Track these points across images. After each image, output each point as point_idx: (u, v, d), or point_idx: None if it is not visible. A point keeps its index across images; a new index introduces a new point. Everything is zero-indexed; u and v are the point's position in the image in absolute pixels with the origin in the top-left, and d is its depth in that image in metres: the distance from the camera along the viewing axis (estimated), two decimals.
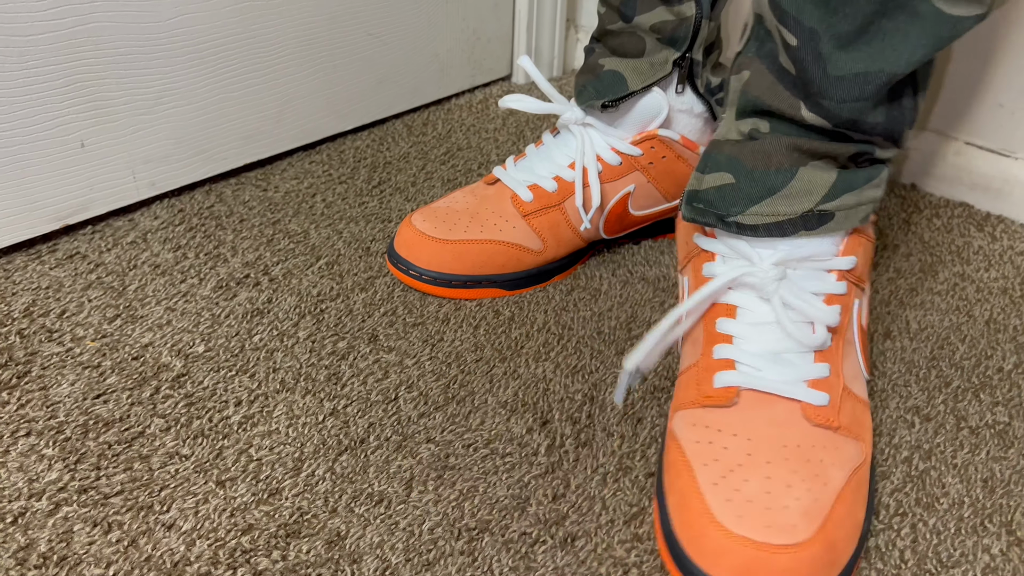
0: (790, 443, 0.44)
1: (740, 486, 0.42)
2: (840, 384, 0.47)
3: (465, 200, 0.64)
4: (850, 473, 0.44)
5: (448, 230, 0.62)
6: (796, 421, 0.45)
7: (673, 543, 0.43)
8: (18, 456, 0.49)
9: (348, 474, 0.49)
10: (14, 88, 0.60)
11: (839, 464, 0.44)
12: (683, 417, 0.47)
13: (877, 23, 0.43)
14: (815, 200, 0.48)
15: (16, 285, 0.62)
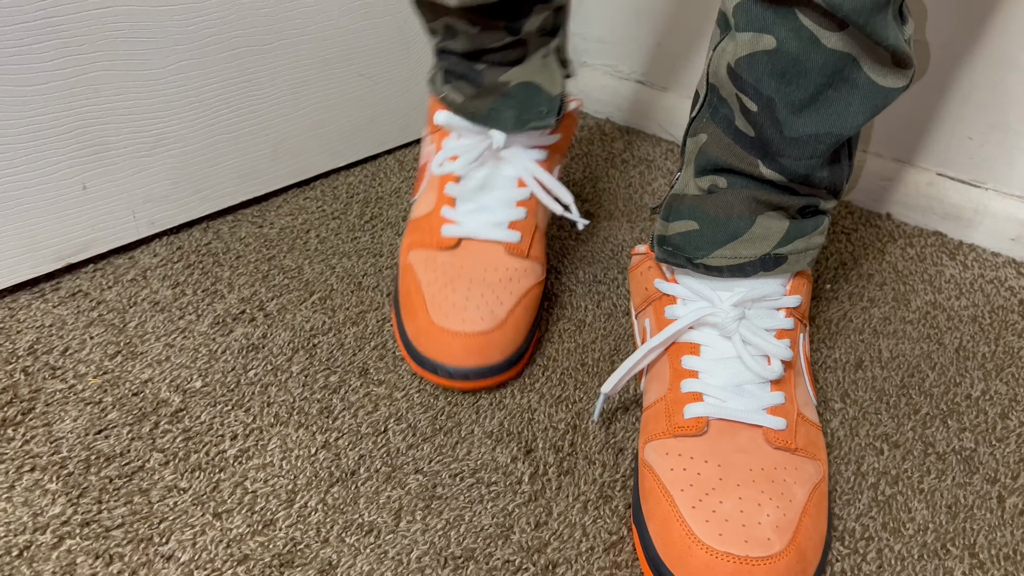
0: (755, 466, 0.48)
1: (716, 507, 0.46)
2: (795, 410, 0.52)
3: (462, 275, 0.61)
4: (811, 489, 0.48)
5: (479, 318, 0.58)
6: (759, 445, 0.49)
7: (658, 566, 0.45)
8: (23, 491, 0.51)
9: (339, 505, 0.51)
10: (19, 134, 0.63)
11: (801, 482, 0.48)
12: (655, 448, 0.50)
13: (825, 93, 0.48)
14: (771, 244, 0.53)
15: (20, 323, 0.64)
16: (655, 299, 0.58)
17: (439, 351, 0.58)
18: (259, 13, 0.73)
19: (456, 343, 0.57)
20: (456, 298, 0.60)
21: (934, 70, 0.76)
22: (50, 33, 0.62)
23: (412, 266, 0.63)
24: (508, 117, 0.62)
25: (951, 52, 0.75)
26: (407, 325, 0.61)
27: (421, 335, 0.59)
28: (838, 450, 0.56)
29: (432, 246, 0.63)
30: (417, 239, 0.65)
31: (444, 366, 0.57)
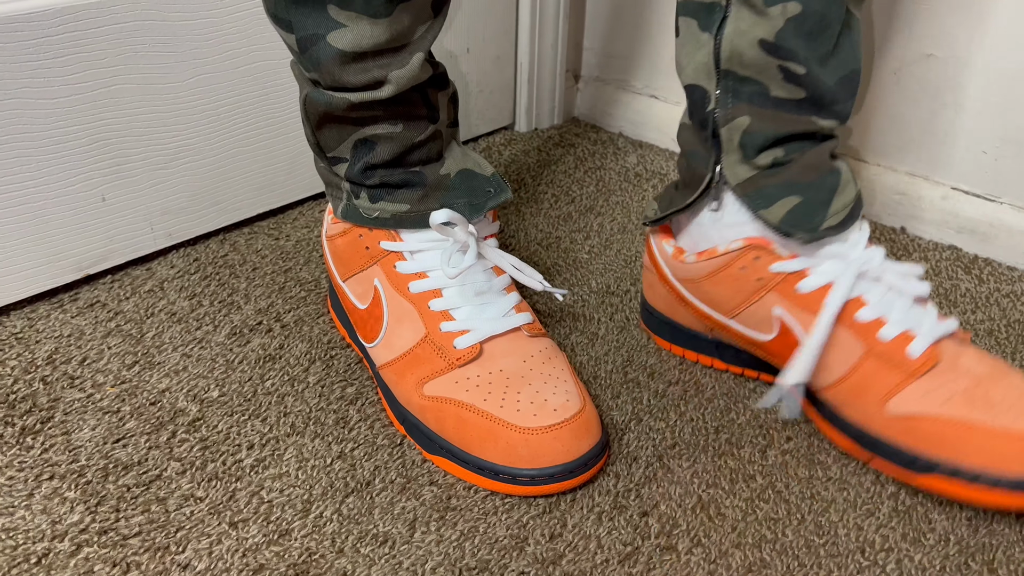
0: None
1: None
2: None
3: (511, 374, 0.55)
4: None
5: (567, 400, 0.53)
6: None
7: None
8: (42, 499, 0.51)
9: (354, 515, 0.51)
10: (41, 146, 0.64)
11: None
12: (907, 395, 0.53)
13: (839, 40, 0.53)
14: (854, 183, 0.57)
15: (40, 333, 0.65)
16: (776, 284, 0.56)
17: (549, 451, 0.51)
18: None
19: (565, 433, 0.51)
20: (529, 395, 0.53)
21: (948, 84, 0.77)
22: (73, 48, 0.63)
23: (443, 396, 0.54)
24: (462, 206, 0.57)
25: (965, 66, 0.75)
26: (486, 455, 0.52)
27: (518, 449, 0.51)
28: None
29: (449, 367, 0.55)
30: (422, 372, 0.55)
31: (564, 465, 0.51)
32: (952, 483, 0.51)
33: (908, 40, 0.77)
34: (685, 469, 0.55)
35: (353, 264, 0.60)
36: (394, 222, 0.57)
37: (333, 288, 0.65)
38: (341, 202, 0.59)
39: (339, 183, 0.59)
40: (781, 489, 0.54)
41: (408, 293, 0.57)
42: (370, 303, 0.59)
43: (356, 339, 0.63)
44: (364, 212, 0.57)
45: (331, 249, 0.62)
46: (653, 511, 0.52)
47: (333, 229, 0.61)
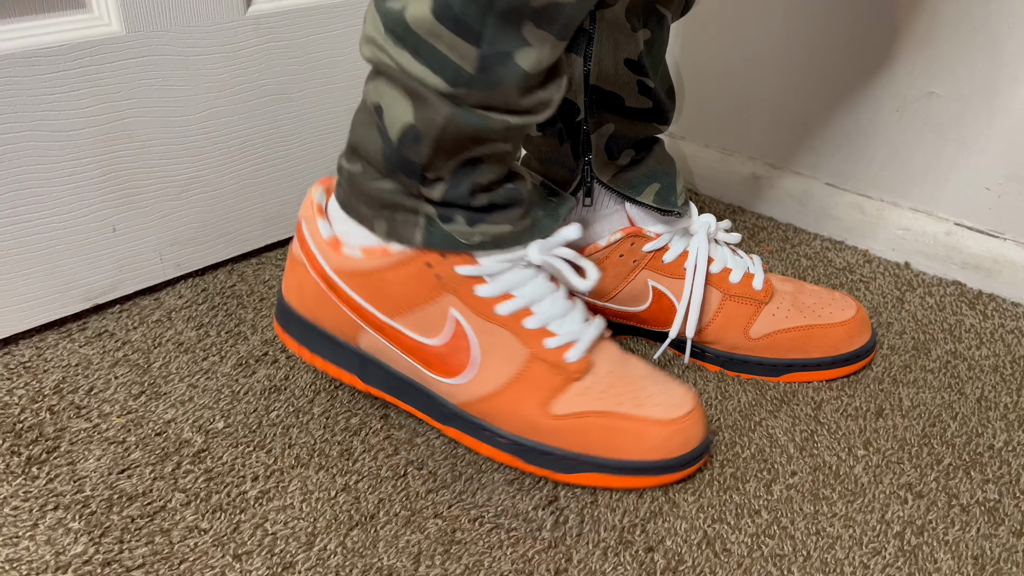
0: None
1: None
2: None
3: (623, 377, 0.57)
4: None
5: (684, 392, 0.57)
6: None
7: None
8: (46, 529, 0.51)
9: (359, 548, 0.51)
10: (54, 177, 0.65)
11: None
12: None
13: (664, 60, 0.66)
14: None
15: (47, 362, 0.65)
16: (647, 261, 0.66)
17: (694, 435, 0.55)
18: (288, 62, 0.75)
19: (697, 416, 0.56)
20: (650, 390, 0.56)
21: (951, 121, 0.77)
22: (88, 82, 0.64)
23: (580, 411, 0.54)
24: (547, 223, 0.56)
25: (968, 103, 0.76)
26: (640, 455, 0.54)
27: (671, 440, 0.54)
28: (862, 497, 0.55)
29: (567, 383, 0.55)
30: (543, 393, 0.54)
31: (701, 444, 0.56)
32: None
33: (911, 78, 0.78)
34: (691, 504, 0.55)
35: (414, 298, 0.54)
36: (493, 244, 0.53)
37: (316, 329, 0.59)
38: (416, 229, 0.53)
39: (415, 207, 0.53)
40: (787, 525, 0.53)
41: (496, 317, 0.54)
42: (447, 337, 0.55)
43: (398, 378, 0.58)
44: (462, 237, 0.52)
45: (371, 284, 0.55)
46: (659, 546, 0.52)
47: (375, 262, 0.54)
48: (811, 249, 0.86)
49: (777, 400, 0.64)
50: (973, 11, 0.73)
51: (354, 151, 0.54)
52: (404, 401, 0.59)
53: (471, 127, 0.48)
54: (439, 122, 0.48)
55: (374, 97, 0.51)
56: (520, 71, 0.47)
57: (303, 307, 0.59)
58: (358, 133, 0.53)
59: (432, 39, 0.46)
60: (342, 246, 0.56)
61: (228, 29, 0.70)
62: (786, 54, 0.86)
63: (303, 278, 0.58)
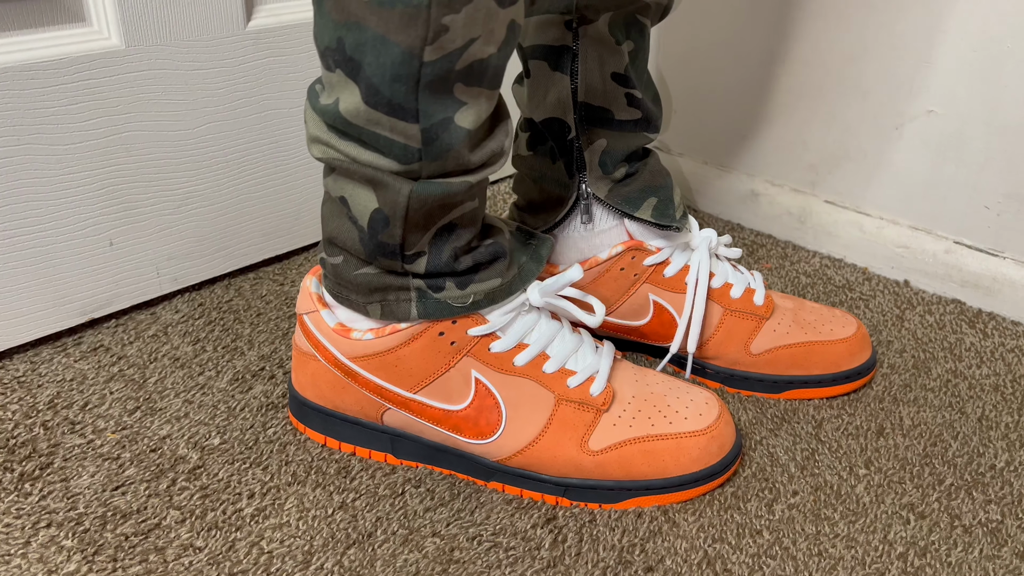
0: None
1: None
2: None
3: (648, 399, 0.58)
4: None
5: (705, 400, 0.58)
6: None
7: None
8: (39, 547, 0.50)
9: (356, 567, 0.50)
10: (52, 190, 0.64)
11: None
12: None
13: (647, 69, 0.66)
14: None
15: (42, 377, 0.64)
16: (648, 275, 0.66)
17: (728, 437, 0.57)
18: (288, 77, 0.75)
19: (727, 417, 0.57)
20: (676, 404, 0.57)
21: (950, 140, 0.78)
22: (87, 96, 0.64)
23: (617, 442, 0.55)
24: (532, 267, 0.56)
25: (967, 121, 0.76)
26: (682, 470, 0.55)
27: (709, 448, 0.56)
28: (864, 517, 0.55)
29: (598, 415, 0.55)
30: (578, 433, 0.55)
31: (735, 445, 0.57)
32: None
33: (910, 96, 0.79)
34: (691, 523, 0.54)
35: (433, 368, 0.54)
36: (487, 301, 0.53)
37: (338, 416, 0.58)
38: (411, 304, 0.53)
39: (404, 284, 0.53)
40: (788, 545, 0.53)
41: (516, 369, 0.54)
42: (472, 399, 0.55)
43: (432, 447, 0.57)
44: (456, 302, 0.52)
45: (387, 364, 0.55)
46: (658, 566, 0.51)
47: (387, 341, 0.54)
48: (810, 267, 0.85)
49: (777, 418, 0.64)
50: (972, 30, 0.73)
51: (332, 243, 0.54)
52: (442, 467, 0.58)
53: (435, 196, 0.49)
54: (402, 201, 0.49)
55: (336, 191, 0.51)
56: (463, 131, 0.47)
57: (320, 398, 0.58)
58: (331, 225, 0.53)
59: (372, 126, 0.47)
60: (351, 332, 0.55)
61: (228, 44, 0.70)
62: (786, 71, 0.86)
63: (316, 370, 0.58)
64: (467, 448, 0.56)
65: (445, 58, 0.44)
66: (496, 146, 0.50)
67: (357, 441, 0.58)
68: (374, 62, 0.44)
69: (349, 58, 0.45)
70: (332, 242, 0.54)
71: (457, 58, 0.44)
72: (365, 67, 0.44)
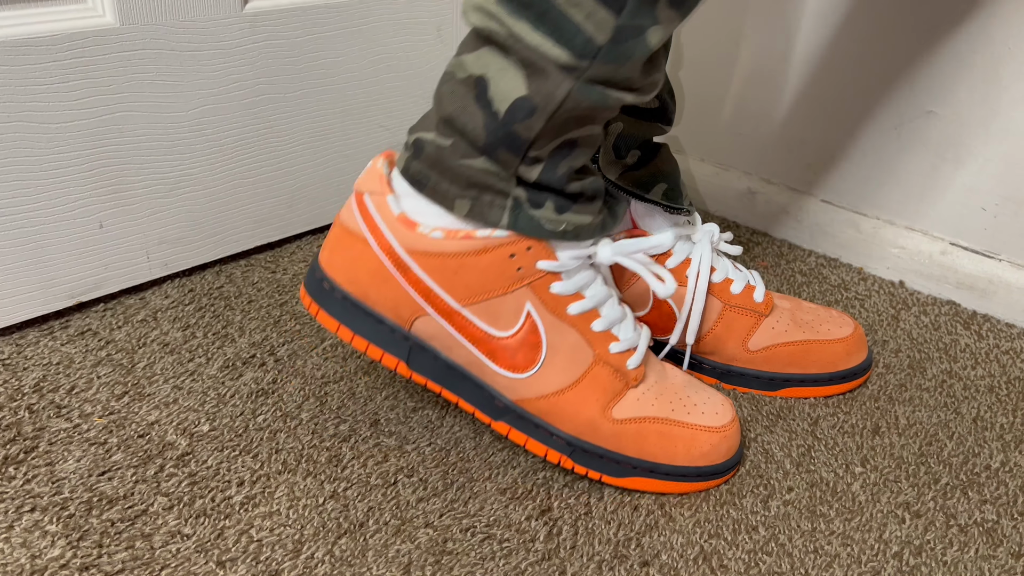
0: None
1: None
2: None
3: (671, 385, 0.58)
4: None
5: (721, 400, 0.59)
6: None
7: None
8: (22, 532, 0.49)
9: (347, 557, 0.49)
10: (42, 170, 0.63)
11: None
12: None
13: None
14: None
15: (28, 360, 0.63)
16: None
17: (736, 441, 0.57)
18: (285, 62, 0.74)
19: (737, 423, 0.58)
20: (696, 399, 0.57)
21: (948, 141, 0.77)
22: (80, 74, 0.62)
23: (638, 416, 0.55)
24: (610, 222, 0.55)
25: (966, 123, 0.76)
26: (692, 461, 0.55)
27: (719, 447, 0.56)
28: (860, 515, 0.55)
29: (626, 388, 0.55)
30: (606, 397, 0.54)
31: (739, 450, 0.58)
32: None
33: (909, 96, 0.78)
34: (687, 518, 0.54)
35: (491, 287, 0.52)
36: (573, 235, 0.51)
37: (364, 308, 0.54)
38: (504, 211, 0.50)
39: (506, 189, 0.50)
40: (784, 542, 0.53)
41: (567, 316, 0.53)
42: (519, 330, 0.53)
43: (451, 368, 0.54)
44: (547, 224, 0.50)
45: (447, 268, 0.51)
46: (654, 561, 0.51)
47: (456, 245, 0.51)
48: (806, 266, 0.85)
49: (773, 415, 0.63)
50: (973, 32, 0.73)
51: (448, 124, 0.50)
52: (452, 391, 0.55)
53: (589, 103, 0.47)
54: (559, 96, 0.46)
55: (476, 69, 0.48)
56: (647, 47, 0.46)
57: (353, 284, 0.53)
58: (453, 105, 0.49)
59: (570, 7, 0.44)
60: (416, 226, 0.52)
61: (224, 25, 0.69)
62: (785, 70, 0.86)
63: (361, 254, 0.53)
64: (491, 379, 0.53)
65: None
66: (658, 77, 0.49)
67: (374, 339, 0.54)
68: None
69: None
70: (449, 122, 0.49)
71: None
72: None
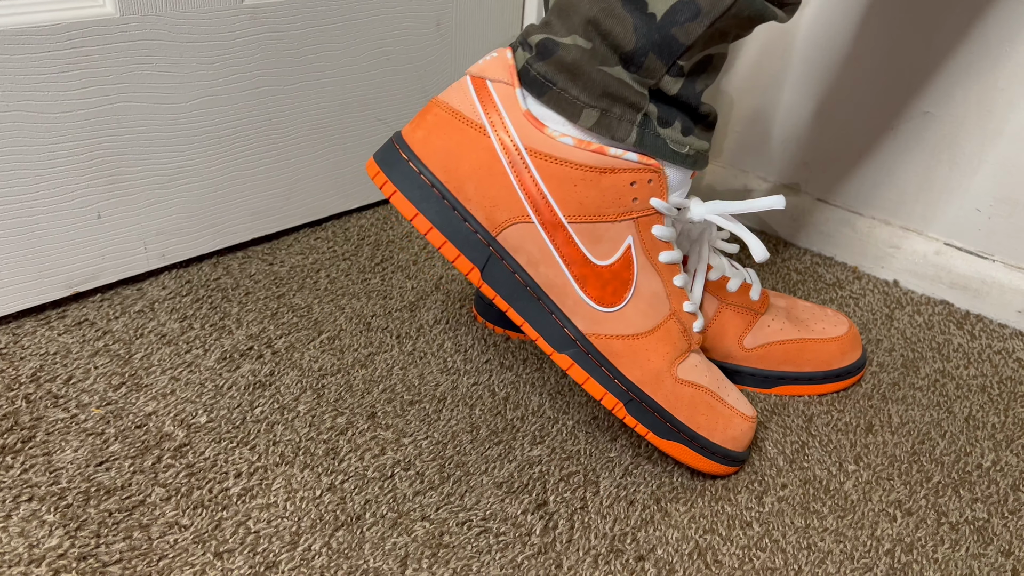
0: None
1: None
2: None
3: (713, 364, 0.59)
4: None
5: (743, 397, 0.59)
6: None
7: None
8: (20, 521, 0.49)
9: (344, 550, 0.50)
10: (40, 160, 0.63)
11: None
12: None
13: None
14: None
15: (24, 350, 0.63)
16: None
17: (751, 433, 0.57)
18: (284, 54, 0.74)
19: (756, 423, 0.58)
20: (728, 387, 0.58)
21: (944, 142, 0.78)
22: (79, 64, 0.62)
23: (695, 382, 0.55)
24: (703, 161, 0.53)
25: (962, 124, 0.76)
26: (727, 443, 0.55)
27: (747, 435, 0.56)
28: (853, 513, 0.55)
29: (688, 351, 0.55)
30: (674, 352, 0.54)
31: (748, 450, 0.58)
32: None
33: (906, 97, 0.79)
34: (682, 513, 0.54)
35: (605, 210, 0.50)
36: (692, 161, 0.51)
37: (451, 198, 0.51)
38: (633, 126, 0.48)
39: (640, 102, 0.48)
40: (778, 538, 0.53)
41: (658, 263, 0.52)
42: (616, 261, 0.51)
43: (528, 285, 0.52)
44: (673, 145, 0.49)
45: (567, 179, 0.49)
46: (650, 555, 0.51)
47: (584, 156, 0.49)
48: (801, 264, 0.86)
49: (768, 412, 0.64)
50: (971, 33, 0.73)
51: (592, 25, 0.47)
52: (520, 313, 0.52)
53: (753, 11, 0.46)
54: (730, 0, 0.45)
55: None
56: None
57: (448, 172, 0.50)
58: (599, 6, 0.47)
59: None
60: (544, 127, 0.49)
61: (224, 17, 0.69)
62: (781, 69, 0.86)
63: (473, 141, 0.50)
64: (571, 305, 0.51)
65: None
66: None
67: (454, 237, 0.51)
68: None
69: None
70: (594, 24, 0.47)
71: None
72: None
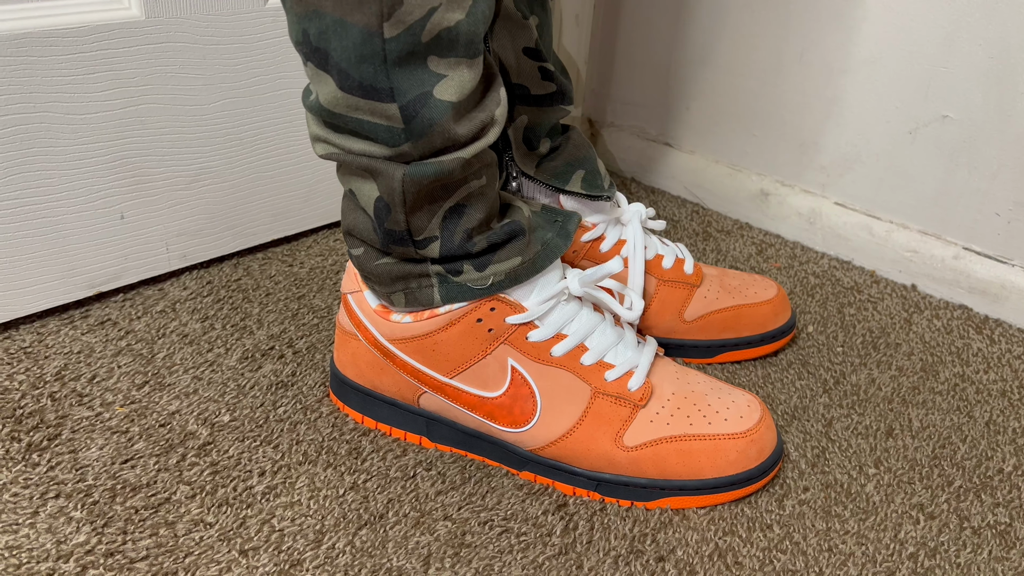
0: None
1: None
2: None
3: (689, 397, 0.57)
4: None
5: (747, 403, 0.57)
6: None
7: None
8: (47, 517, 0.50)
9: (368, 548, 0.50)
10: (65, 161, 0.64)
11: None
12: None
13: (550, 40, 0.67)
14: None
15: (49, 349, 0.64)
16: (586, 251, 0.66)
17: (768, 441, 0.56)
18: None
19: (768, 421, 0.56)
20: (717, 404, 0.56)
21: (964, 146, 0.78)
22: (105, 66, 0.63)
23: (652, 440, 0.54)
24: (559, 243, 0.54)
25: (981, 128, 0.76)
26: (718, 472, 0.54)
27: (747, 452, 0.55)
28: (874, 516, 0.55)
29: (635, 411, 0.54)
30: (613, 428, 0.54)
31: (775, 450, 0.56)
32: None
33: (924, 101, 0.79)
34: (702, 515, 0.54)
35: (470, 354, 0.54)
36: (509, 281, 0.52)
37: (376, 396, 0.58)
38: (433, 290, 0.52)
39: (423, 271, 0.52)
40: (799, 540, 0.53)
41: (553, 359, 0.54)
42: (507, 387, 0.54)
43: (466, 433, 0.57)
44: (476, 284, 0.52)
45: (425, 347, 0.54)
46: (670, 556, 0.51)
47: (425, 325, 0.53)
48: (819, 268, 0.86)
49: (787, 416, 0.64)
50: (991, 38, 0.73)
51: (351, 235, 0.54)
52: (475, 453, 0.57)
53: (429, 177, 0.48)
54: (397, 186, 0.48)
55: (345, 184, 0.52)
56: (446, 104, 0.46)
57: (360, 377, 0.58)
58: (349, 218, 0.53)
59: (353, 112, 0.46)
60: (391, 314, 0.55)
61: (247, 20, 0.69)
62: (799, 72, 0.86)
63: (356, 349, 0.58)
64: (501, 436, 0.56)
65: (407, 32, 0.43)
66: (485, 116, 0.48)
67: (393, 422, 0.58)
68: (338, 47, 0.44)
69: (316, 48, 0.45)
70: (351, 234, 0.54)
71: (421, 30, 0.43)
72: (332, 54, 0.44)
